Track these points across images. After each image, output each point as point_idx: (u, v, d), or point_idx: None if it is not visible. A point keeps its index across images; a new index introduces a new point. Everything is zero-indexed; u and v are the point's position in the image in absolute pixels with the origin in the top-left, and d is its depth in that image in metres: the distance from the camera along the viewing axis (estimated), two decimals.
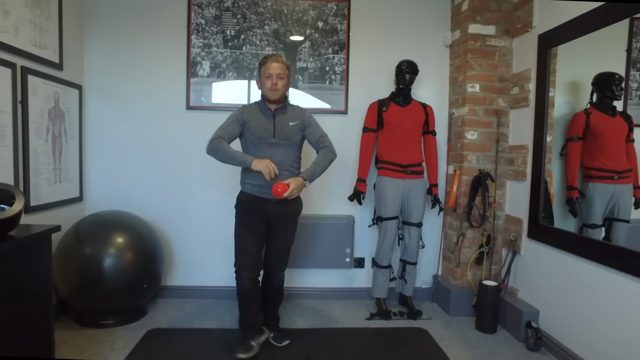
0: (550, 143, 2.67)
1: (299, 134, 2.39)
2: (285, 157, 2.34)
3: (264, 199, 2.34)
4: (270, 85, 2.29)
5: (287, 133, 2.35)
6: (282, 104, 2.39)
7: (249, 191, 2.37)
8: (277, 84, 2.29)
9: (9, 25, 2.33)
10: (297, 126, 2.38)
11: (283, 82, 2.32)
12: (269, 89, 2.30)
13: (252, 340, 2.41)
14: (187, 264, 3.26)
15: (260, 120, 2.34)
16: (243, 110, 2.40)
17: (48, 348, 1.77)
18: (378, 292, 3.04)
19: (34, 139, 2.57)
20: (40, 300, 1.72)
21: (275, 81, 2.29)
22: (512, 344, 2.64)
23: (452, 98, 3.26)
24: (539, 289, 2.66)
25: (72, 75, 2.97)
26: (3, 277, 1.49)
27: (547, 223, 2.65)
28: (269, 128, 2.33)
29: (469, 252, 3.07)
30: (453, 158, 3.22)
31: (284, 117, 2.37)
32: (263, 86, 2.33)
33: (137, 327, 2.72)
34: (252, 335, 2.43)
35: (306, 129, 2.42)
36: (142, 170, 3.19)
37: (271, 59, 2.32)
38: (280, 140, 2.33)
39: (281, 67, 2.31)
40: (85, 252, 2.60)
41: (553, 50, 2.57)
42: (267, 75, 2.30)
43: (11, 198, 1.63)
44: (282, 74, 2.31)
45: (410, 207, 2.96)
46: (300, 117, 2.42)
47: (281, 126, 2.35)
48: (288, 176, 2.32)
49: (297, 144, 2.42)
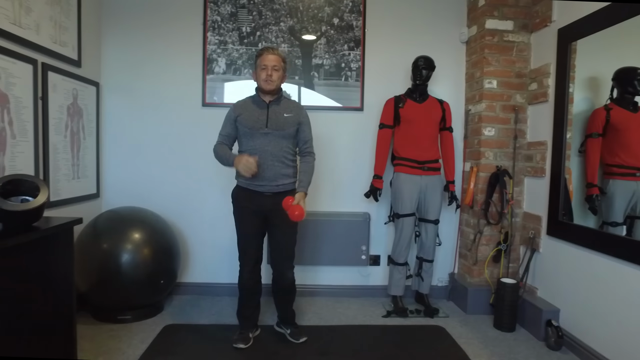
0: (569, 140, 2.64)
1: (293, 127, 2.39)
2: (278, 147, 2.34)
3: (257, 192, 2.35)
4: (265, 76, 2.31)
5: (281, 123, 2.35)
6: (276, 95, 2.40)
7: (243, 184, 2.39)
8: (272, 75, 2.31)
9: (30, 22, 2.36)
10: (291, 118, 2.38)
11: (278, 73, 2.34)
12: (264, 80, 2.31)
13: (250, 331, 2.50)
14: (203, 261, 3.27)
15: (253, 111, 2.36)
16: (235, 106, 2.43)
17: (70, 339, 1.78)
18: (394, 289, 3.02)
19: (54, 135, 2.59)
20: (63, 291, 1.73)
21: (270, 72, 2.31)
22: (532, 342, 2.60)
23: (468, 94, 3.24)
24: (559, 287, 2.62)
25: (90, 73, 3.00)
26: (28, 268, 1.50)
27: (566, 220, 2.61)
28: (261, 119, 2.34)
29: (486, 250, 3.04)
30: (470, 155, 3.19)
31: (278, 108, 2.38)
32: (258, 77, 2.35)
33: (153, 323, 2.73)
34: (249, 327, 2.52)
35: (299, 126, 2.42)
36: (158, 166, 3.20)
37: (267, 51, 2.34)
38: (272, 130, 2.33)
39: (276, 59, 2.33)
40: (103, 247, 2.62)
41: (573, 44, 2.53)
42: (262, 67, 2.32)
43: (35, 190, 1.64)
44: (277, 65, 2.32)
45: (427, 204, 2.94)
46: (297, 111, 2.42)
47: (275, 117, 2.35)
48: (282, 167, 2.34)
49: (291, 136, 2.40)
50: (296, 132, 2.42)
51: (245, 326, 2.51)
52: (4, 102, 2.17)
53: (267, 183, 2.32)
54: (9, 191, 1.58)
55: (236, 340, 2.44)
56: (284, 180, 2.36)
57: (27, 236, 1.46)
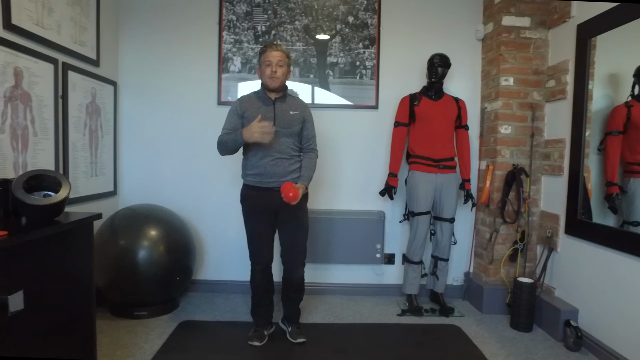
0: (588, 137, 2.60)
1: (299, 124, 2.39)
2: (285, 145, 2.34)
3: (267, 189, 2.34)
4: (269, 72, 2.29)
5: (288, 121, 2.35)
6: (282, 92, 2.39)
7: (251, 182, 2.38)
8: (276, 72, 2.29)
9: (52, 22, 2.41)
10: (297, 116, 2.38)
11: (282, 70, 2.31)
12: (269, 77, 2.30)
13: (265, 329, 2.51)
14: (218, 258, 3.29)
15: (260, 109, 2.34)
16: (241, 101, 2.40)
17: (90, 333, 1.81)
18: (409, 288, 3.00)
19: (73, 133, 2.64)
20: (83, 286, 1.75)
21: (275, 69, 2.28)
22: (549, 343, 2.56)
23: (484, 92, 3.21)
24: (577, 287, 2.58)
25: (108, 72, 3.05)
26: (49, 262, 1.53)
27: (586, 219, 2.57)
28: (269, 116, 2.32)
29: (502, 249, 3.00)
30: (486, 153, 3.16)
31: (284, 105, 2.37)
32: (263, 74, 2.33)
33: (169, 319, 2.76)
34: (264, 324, 2.52)
35: (304, 123, 2.42)
36: (174, 165, 3.24)
37: (271, 47, 2.32)
38: (280, 128, 2.32)
39: (281, 55, 2.31)
40: (120, 244, 2.66)
41: (593, 40, 2.49)
42: (267, 63, 2.29)
43: (57, 185, 1.67)
44: (281, 61, 2.30)
45: (442, 202, 2.92)
46: (301, 109, 2.42)
47: (281, 114, 2.34)
48: (289, 164, 2.34)
49: (297, 134, 2.40)
50: (301, 129, 2.42)
51: (260, 324, 2.52)
52: (26, 101, 2.22)
53: (276, 179, 2.32)
54: (32, 186, 1.62)
55: (251, 337, 2.45)
56: (292, 176, 2.35)
57: (49, 229, 1.49)
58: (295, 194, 2.20)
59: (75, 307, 1.70)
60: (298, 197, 2.21)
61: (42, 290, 1.48)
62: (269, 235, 2.44)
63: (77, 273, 1.71)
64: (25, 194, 1.52)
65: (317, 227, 3.11)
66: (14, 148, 2.14)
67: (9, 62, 2.08)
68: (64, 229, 1.59)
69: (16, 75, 2.14)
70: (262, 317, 2.53)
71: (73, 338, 1.71)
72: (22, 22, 2.16)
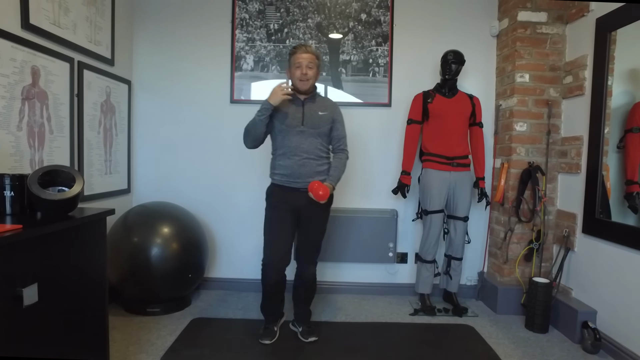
0: (606, 135, 2.53)
1: (327, 125, 2.38)
2: (313, 145, 2.33)
3: (294, 189, 2.34)
4: (299, 75, 2.29)
5: (316, 122, 2.34)
6: (311, 93, 2.39)
7: (278, 182, 2.38)
8: (307, 74, 2.29)
9: (68, 22, 2.44)
10: (326, 116, 2.37)
11: (312, 71, 2.31)
12: (299, 79, 2.30)
13: (275, 325, 2.52)
14: (230, 256, 3.30)
15: (289, 108, 2.34)
16: None
17: (103, 329, 1.82)
18: (422, 287, 2.97)
19: (88, 131, 2.67)
20: (96, 280, 1.77)
21: (305, 71, 2.28)
22: (566, 344, 2.51)
23: (499, 89, 3.16)
24: (595, 288, 2.52)
25: (122, 71, 3.08)
26: (63, 257, 1.54)
27: (604, 218, 2.51)
28: (297, 116, 2.32)
29: (517, 248, 2.95)
30: (500, 151, 3.11)
31: (313, 105, 2.37)
32: (293, 76, 2.34)
33: (181, 316, 2.77)
34: (274, 320, 2.54)
35: (333, 124, 2.40)
36: (187, 162, 3.26)
37: (300, 49, 2.31)
38: (308, 128, 2.32)
39: (311, 57, 2.30)
40: (133, 241, 2.68)
41: (613, 34, 2.43)
42: (297, 65, 2.29)
43: (71, 181, 1.69)
44: (312, 63, 2.30)
45: (456, 201, 2.88)
46: (331, 109, 2.41)
47: (310, 115, 2.34)
48: (316, 164, 2.33)
49: (326, 134, 2.39)
50: (330, 130, 2.40)
51: (270, 320, 2.53)
52: (43, 99, 2.26)
53: (302, 180, 2.31)
54: (46, 182, 1.64)
55: (262, 335, 2.45)
56: (319, 177, 2.34)
57: (62, 224, 1.51)
58: (325, 192, 2.21)
59: (88, 302, 1.72)
60: (328, 195, 2.22)
61: (56, 284, 1.50)
62: (289, 236, 2.41)
63: (90, 268, 1.73)
64: (40, 189, 1.54)
65: (329, 226, 3.05)
66: (31, 145, 2.18)
67: (26, 61, 2.12)
68: (77, 224, 1.61)
69: (33, 74, 2.18)
70: (274, 313, 2.53)
71: (86, 332, 1.72)
72: (40, 22, 2.20)
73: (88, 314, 1.72)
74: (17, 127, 2.08)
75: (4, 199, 1.55)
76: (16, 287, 1.28)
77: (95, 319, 1.77)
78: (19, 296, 1.28)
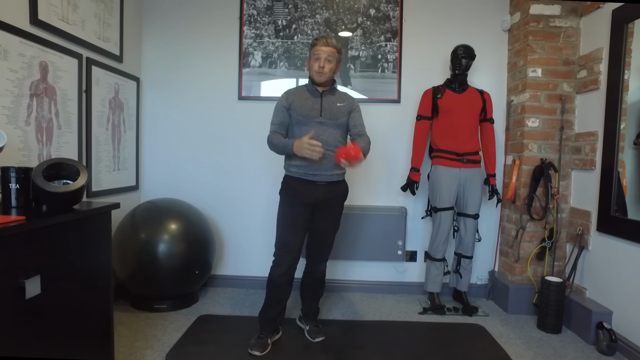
0: (622, 130, 2.46)
1: (346, 116, 2.33)
2: (333, 137, 2.27)
3: (311, 182, 2.26)
4: (317, 67, 2.25)
5: (335, 113, 2.29)
6: (329, 87, 2.35)
7: (295, 174, 2.29)
8: (324, 67, 2.24)
9: (77, 18, 2.45)
10: (344, 107, 2.33)
11: (331, 65, 2.26)
12: (316, 71, 2.25)
13: (269, 337, 2.35)
14: (237, 253, 3.29)
15: (307, 100, 2.30)
16: (287, 94, 2.35)
17: (107, 322, 1.82)
18: (431, 286, 2.92)
19: (96, 127, 2.68)
20: (101, 275, 1.76)
21: (323, 64, 2.23)
22: (580, 345, 2.44)
23: (510, 85, 3.10)
24: (611, 287, 2.45)
25: (131, 68, 3.09)
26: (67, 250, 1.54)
27: (620, 215, 2.43)
28: (315, 107, 2.28)
29: (529, 247, 2.88)
30: (512, 147, 3.04)
31: (332, 98, 2.33)
32: (311, 68, 2.30)
33: (188, 313, 2.76)
34: (270, 331, 2.37)
35: (351, 112, 2.36)
36: (195, 159, 3.26)
37: (321, 41, 2.26)
38: (327, 119, 2.27)
39: (330, 51, 2.25)
40: (141, 237, 2.68)
41: (630, 26, 2.36)
42: (316, 57, 2.25)
43: (75, 174, 1.69)
44: (331, 57, 2.25)
45: (466, 198, 2.83)
46: (349, 100, 2.38)
47: (328, 106, 2.29)
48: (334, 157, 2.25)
49: (344, 126, 2.34)
50: (348, 121, 2.35)
51: (266, 328, 2.36)
52: (51, 94, 2.27)
53: (321, 172, 2.24)
54: (52, 175, 1.64)
55: (253, 345, 2.27)
56: (337, 170, 2.28)
57: (66, 216, 1.50)
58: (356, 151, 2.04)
59: (93, 296, 1.71)
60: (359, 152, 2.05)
61: (60, 277, 1.49)
62: (303, 231, 2.33)
63: (95, 262, 1.72)
64: (44, 182, 1.54)
65: None
66: (39, 140, 2.18)
67: (35, 56, 2.13)
68: (81, 216, 1.60)
69: (42, 70, 2.19)
70: (271, 321, 2.36)
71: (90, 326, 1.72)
72: (48, 17, 2.21)
73: (93, 307, 1.71)
74: (26, 122, 2.08)
75: (10, 191, 1.55)
76: (19, 279, 1.27)
77: (101, 312, 1.77)
78: (22, 288, 1.27)
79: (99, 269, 1.75)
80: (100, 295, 1.76)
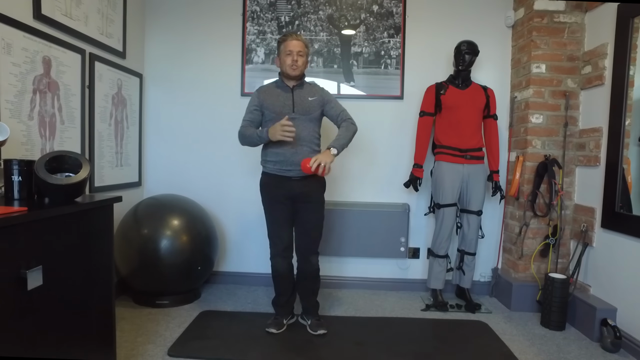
0: (627, 127, 2.44)
1: (318, 109, 2.40)
2: (306, 131, 2.33)
3: (286, 177, 2.34)
4: (290, 61, 2.31)
5: (307, 107, 2.36)
6: (300, 80, 2.41)
7: (270, 170, 2.38)
8: (297, 61, 2.32)
9: (80, 14, 2.46)
10: (316, 101, 2.39)
11: (303, 59, 2.34)
12: (290, 66, 2.32)
13: (285, 319, 2.51)
14: (240, 250, 3.29)
15: (279, 96, 2.37)
16: (259, 92, 2.43)
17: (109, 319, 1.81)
18: (434, 282, 2.91)
19: (99, 123, 2.68)
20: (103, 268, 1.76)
21: (296, 58, 2.32)
22: (584, 342, 2.42)
23: (514, 81, 3.08)
24: (615, 284, 2.43)
25: (134, 64, 3.09)
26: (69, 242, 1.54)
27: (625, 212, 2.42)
28: (287, 103, 2.35)
29: (532, 244, 2.87)
30: (515, 144, 3.03)
31: (302, 92, 2.39)
32: (283, 63, 2.35)
33: (190, 309, 2.76)
34: (284, 314, 2.53)
35: (326, 105, 2.42)
36: (198, 156, 3.26)
37: (291, 36, 2.35)
38: (299, 115, 2.33)
39: (301, 45, 2.34)
40: (143, 233, 2.68)
41: (635, 21, 2.34)
42: (288, 52, 2.32)
43: (78, 167, 1.69)
44: (302, 51, 2.34)
45: (469, 194, 2.81)
46: (319, 93, 2.43)
47: (300, 101, 2.36)
48: (309, 151, 2.32)
49: (317, 119, 2.41)
50: (321, 114, 2.42)
51: (280, 313, 2.52)
52: (54, 89, 2.27)
53: (295, 167, 2.30)
54: (54, 168, 1.64)
55: (269, 324, 2.45)
56: None
57: (67, 208, 1.50)
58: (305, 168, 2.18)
59: (95, 291, 1.71)
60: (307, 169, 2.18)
61: (61, 270, 1.49)
62: (289, 222, 2.43)
63: (96, 255, 1.72)
64: (47, 174, 1.54)
65: (340, 220, 3.06)
66: (42, 135, 2.19)
67: (38, 51, 2.13)
68: (83, 209, 1.60)
69: (45, 64, 2.19)
70: (284, 307, 2.52)
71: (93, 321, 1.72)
72: (52, 12, 2.21)
73: (94, 300, 1.71)
74: (29, 117, 2.09)
75: (12, 183, 1.56)
76: (20, 270, 1.27)
77: (103, 307, 1.77)
78: (23, 279, 1.27)
79: (102, 263, 1.75)
80: (103, 289, 1.76)
